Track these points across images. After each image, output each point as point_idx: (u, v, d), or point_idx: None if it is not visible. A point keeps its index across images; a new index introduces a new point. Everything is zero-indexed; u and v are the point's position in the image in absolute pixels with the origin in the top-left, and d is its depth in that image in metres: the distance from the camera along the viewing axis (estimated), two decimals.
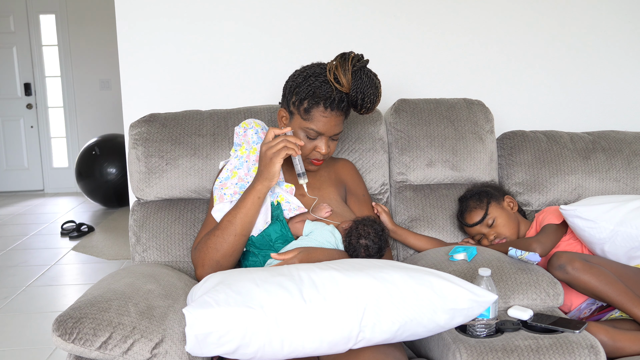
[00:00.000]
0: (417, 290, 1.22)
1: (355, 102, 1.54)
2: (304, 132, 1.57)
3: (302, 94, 1.55)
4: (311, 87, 1.54)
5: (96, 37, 6.17)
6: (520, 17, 2.34)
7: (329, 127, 1.56)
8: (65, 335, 1.18)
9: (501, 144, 2.11)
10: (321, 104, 1.53)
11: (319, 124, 1.55)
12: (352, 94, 1.53)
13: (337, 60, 1.54)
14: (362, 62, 1.54)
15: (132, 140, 1.85)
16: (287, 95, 1.60)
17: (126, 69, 2.23)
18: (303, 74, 1.58)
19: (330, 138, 1.60)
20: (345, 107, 1.56)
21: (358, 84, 1.52)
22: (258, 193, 1.52)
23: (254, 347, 1.17)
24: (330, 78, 1.53)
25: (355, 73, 1.52)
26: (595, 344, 1.31)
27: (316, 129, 1.55)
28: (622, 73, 2.40)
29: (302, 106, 1.55)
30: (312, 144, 1.58)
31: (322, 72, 1.56)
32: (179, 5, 2.22)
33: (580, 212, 1.63)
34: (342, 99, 1.54)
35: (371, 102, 1.54)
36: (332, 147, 1.62)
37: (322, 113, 1.54)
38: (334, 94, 1.53)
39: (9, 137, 6.32)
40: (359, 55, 1.55)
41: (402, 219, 1.94)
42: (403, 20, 2.30)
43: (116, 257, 3.94)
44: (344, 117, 1.59)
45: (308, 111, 1.55)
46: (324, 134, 1.57)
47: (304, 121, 1.56)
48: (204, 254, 1.53)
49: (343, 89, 1.53)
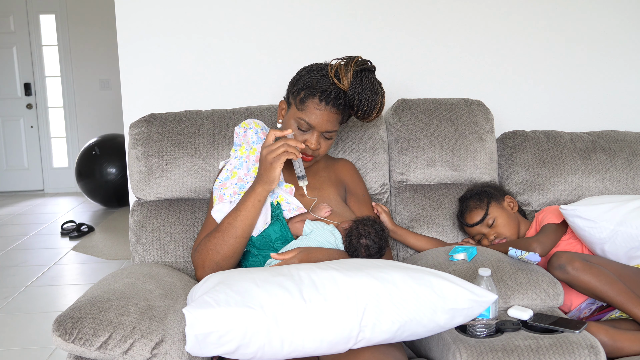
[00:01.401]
0: (417, 290, 1.22)
1: (352, 102, 1.54)
2: (297, 122, 1.57)
3: (301, 84, 1.57)
4: (311, 79, 1.56)
5: (96, 37, 6.17)
6: (520, 17, 2.34)
7: (321, 122, 1.56)
8: (65, 335, 1.18)
9: (501, 144, 2.11)
10: (317, 96, 1.54)
11: (312, 116, 1.55)
12: (349, 92, 1.53)
13: (342, 60, 1.57)
14: (366, 66, 1.55)
15: (132, 140, 1.85)
16: (289, 87, 1.63)
17: (126, 69, 2.23)
18: (307, 68, 1.62)
19: (322, 135, 1.59)
20: (342, 106, 1.56)
21: (357, 84, 1.52)
22: (258, 196, 1.52)
23: (254, 347, 1.17)
24: (331, 73, 1.55)
25: (356, 73, 1.53)
26: (595, 344, 1.30)
27: (307, 121, 1.55)
28: (622, 73, 2.40)
29: (299, 96, 1.57)
30: (303, 137, 1.58)
31: (325, 67, 1.59)
32: (179, 6, 2.22)
33: (581, 212, 1.63)
34: (338, 95, 1.54)
35: (368, 105, 1.53)
36: (324, 146, 1.62)
37: (316, 105, 1.54)
38: (331, 88, 1.54)
39: (9, 137, 6.32)
40: (365, 60, 1.57)
41: (402, 219, 1.94)
42: (403, 20, 2.30)
43: (116, 257, 3.94)
44: (340, 117, 1.59)
45: (303, 101, 1.56)
46: (315, 127, 1.56)
47: (298, 111, 1.57)
48: (204, 255, 1.53)
49: (341, 85, 1.54)
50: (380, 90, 1.55)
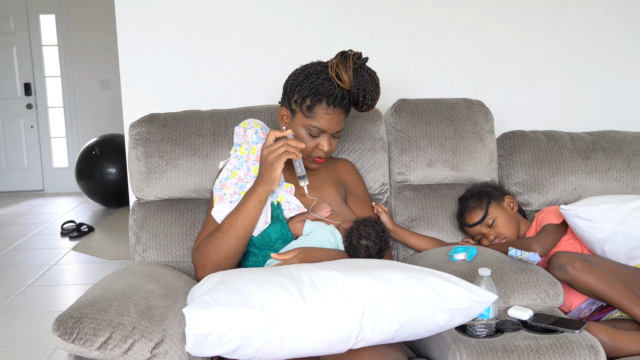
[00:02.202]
0: (417, 290, 1.22)
1: (357, 99, 1.55)
2: (307, 129, 1.57)
3: (304, 91, 1.55)
4: (313, 85, 1.54)
5: (96, 37, 6.17)
6: (520, 17, 2.34)
7: (332, 124, 1.56)
8: (65, 335, 1.18)
9: (501, 144, 2.11)
10: (324, 101, 1.54)
11: (322, 121, 1.55)
12: (353, 91, 1.54)
13: (337, 58, 1.56)
14: (362, 60, 1.55)
15: (132, 140, 1.85)
16: (289, 94, 1.60)
17: (126, 69, 2.23)
18: (304, 72, 1.58)
19: (332, 136, 1.60)
20: (347, 104, 1.57)
21: (359, 81, 1.52)
22: (259, 197, 1.52)
23: (254, 347, 1.17)
24: (332, 75, 1.54)
25: (356, 70, 1.53)
26: (595, 344, 1.30)
27: (319, 127, 1.56)
28: (622, 73, 2.40)
29: (305, 104, 1.55)
30: (314, 141, 1.59)
31: (323, 69, 1.57)
32: (179, 6, 2.22)
33: (580, 212, 1.63)
34: (344, 96, 1.55)
35: (372, 99, 1.55)
36: (334, 144, 1.63)
37: (325, 110, 1.54)
38: (336, 91, 1.53)
39: (9, 137, 6.32)
40: (359, 53, 1.56)
41: (402, 219, 1.94)
42: (403, 20, 2.30)
43: (116, 257, 3.94)
44: (345, 114, 1.60)
45: (311, 109, 1.55)
46: (327, 131, 1.57)
47: (307, 119, 1.56)
48: (205, 256, 1.53)
49: (345, 85, 1.54)
50: (377, 79, 1.57)
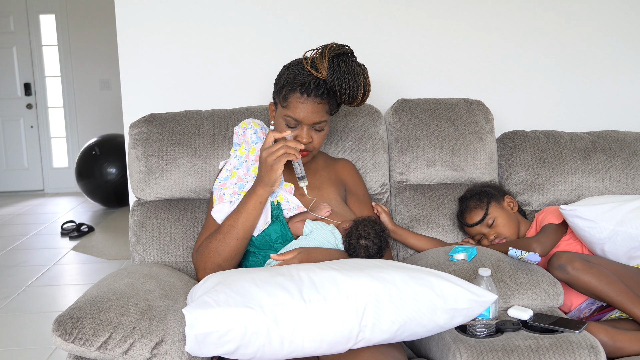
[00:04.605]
0: (417, 290, 1.22)
1: (333, 88, 1.52)
2: (284, 120, 1.57)
3: (281, 82, 1.57)
4: (289, 75, 1.56)
5: (96, 37, 6.17)
6: (520, 17, 2.33)
7: (306, 114, 1.55)
8: (65, 335, 1.18)
9: (501, 144, 2.11)
10: (297, 90, 1.54)
11: (296, 110, 1.54)
12: (328, 79, 1.51)
13: (317, 49, 1.55)
14: (342, 50, 1.53)
15: (132, 140, 1.85)
16: (274, 88, 1.63)
17: (126, 69, 2.23)
18: (286, 65, 1.61)
19: (312, 128, 1.58)
20: (325, 94, 1.54)
21: (334, 70, 1.50)
22: (259, 198, 1.53)
23: (254, 347, 1.17)
24: (307, 65, 1.53)
25: (332, 59, 1.51)
26: (595, 344, 1.30)
27: (293, 116, 1.55)
28: (622, 73, 2.40)
29: (281, 94, 1.57)
30: (293, 133, 1.58)
31: (302, 61, 1.57)
32: (179, 6, 2.22)
33: (580, 212, 1.63)
34: (318, 85, 1.53)
35: (350, 88, 1.51)
36: (316, 139, 1.60)
37: (298, 99, 1.54)
38: (309, 79, 1.53)
39: (9, 137, 6.32)
40: (341, 44, 1.55)
41: (402, 219, 1.94)
42: (402, 20, 2.30)
43: (116, 257, 3.94)
44: (327, 106, 1.57)
45: (286, 98, 1.56)
46: (302, 121, 1.55)
47: (283, 109, 1.57)
48: (205, 257, 1.53)
49: (319, 75, 1.52)
50: (361, 72, 1.53)
